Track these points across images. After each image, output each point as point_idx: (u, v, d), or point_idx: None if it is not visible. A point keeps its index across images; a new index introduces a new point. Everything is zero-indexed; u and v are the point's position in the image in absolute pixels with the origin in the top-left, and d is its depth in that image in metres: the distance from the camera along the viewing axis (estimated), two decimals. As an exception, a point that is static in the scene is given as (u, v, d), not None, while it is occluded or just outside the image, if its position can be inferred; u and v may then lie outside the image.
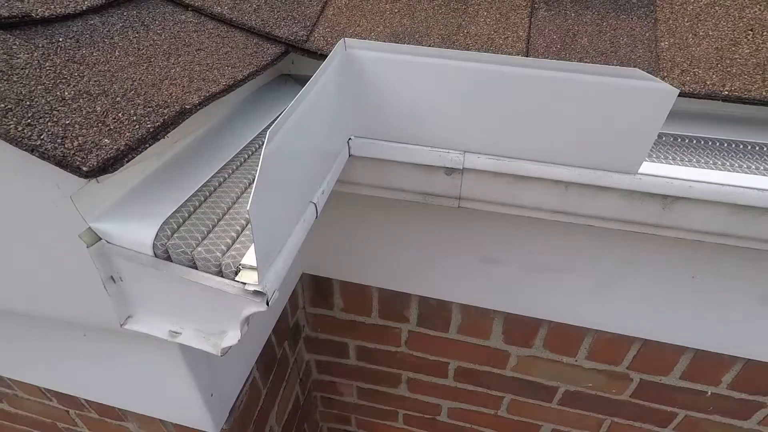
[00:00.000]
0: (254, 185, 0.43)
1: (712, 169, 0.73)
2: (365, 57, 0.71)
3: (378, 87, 0.74)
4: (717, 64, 0.77)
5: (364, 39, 0.88)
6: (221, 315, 0.60)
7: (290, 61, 0.97)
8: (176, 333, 0.65)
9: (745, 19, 0.82)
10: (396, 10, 0.92)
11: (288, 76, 1.00)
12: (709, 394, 1.43)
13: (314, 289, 1.55)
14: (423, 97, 0.74)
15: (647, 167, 0.74)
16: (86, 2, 0.71)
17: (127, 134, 0.51)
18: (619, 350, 1.39)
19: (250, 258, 0.55)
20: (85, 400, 1.24)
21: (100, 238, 0.57)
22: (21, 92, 0.50)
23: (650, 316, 1.24)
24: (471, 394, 1.76)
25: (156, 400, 1.06)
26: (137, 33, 0.72)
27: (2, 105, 0.47)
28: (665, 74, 0.77)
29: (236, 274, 0.54)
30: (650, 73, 0.78)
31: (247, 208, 0.44)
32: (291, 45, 0.85)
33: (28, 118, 0.47)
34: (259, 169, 0.43)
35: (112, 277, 0.61)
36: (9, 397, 1.46)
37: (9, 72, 0.52)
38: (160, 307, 0.64)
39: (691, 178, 0.71)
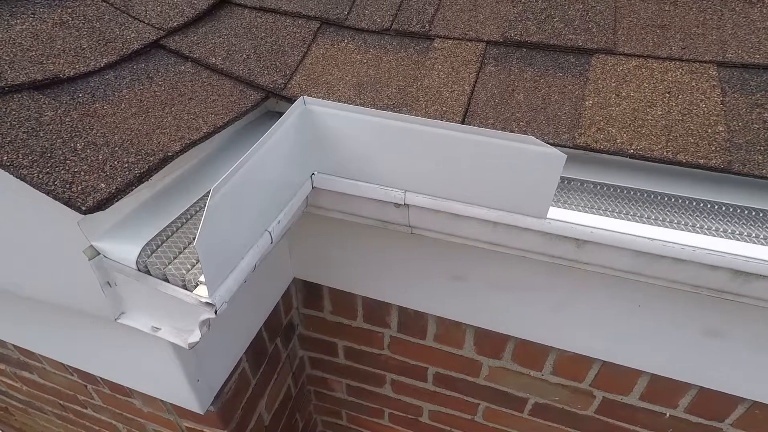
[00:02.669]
0: (199, 230, 0.58)
1: (615, 217, 0.84)
2: (321, 112, 0.86)
3: (333, 135, 0.89)
4: (630, 124, 0.87)
5: (334, 86, 1.03)
6: (187, 317, 0.76)
7: (275, 101, 1.13)
8: (157, 328, 0.82)
9: (665, 82, 0.92)
10: (365, 61, 1.07)
11: (274, 113, 1.16)
12: (668, 416, 1.48)
13: (306, 291, 1.69)
14: (369, 145, 0.88)
15: (559, 213, 0.85)
16: (104, 59, 0.89)
17: (119, 179, 0.68)
18: (580, 368, 1.46)
19: (206, 276, 0.71)
20: (99, 377, 1.45)
21: (99, 253, 0.75)
22: (45, 146, 0.68)
23: (605, 338, 1.30)
24: (449, 399, 1.85)
25: (154, 382, 1.24)
26: (142, 85, 0.90)
27: (30, 157, 0.65)
28: (582, 131, 0.88)
29: (196, 287, 0.70)
30: (569, 129, 0.90)
31: (194, 245, 0.59)
32: (270, 92, 1.01)
33: (48, 167, 0.65)
34: (203, 219, 0.59)
35: (108, 282, 0.79)
36: (39, 370, 1.70)
37: (38, 128, 0.70)
38: (145, 307, 0.82)
39: (593, 225, 0.83)
